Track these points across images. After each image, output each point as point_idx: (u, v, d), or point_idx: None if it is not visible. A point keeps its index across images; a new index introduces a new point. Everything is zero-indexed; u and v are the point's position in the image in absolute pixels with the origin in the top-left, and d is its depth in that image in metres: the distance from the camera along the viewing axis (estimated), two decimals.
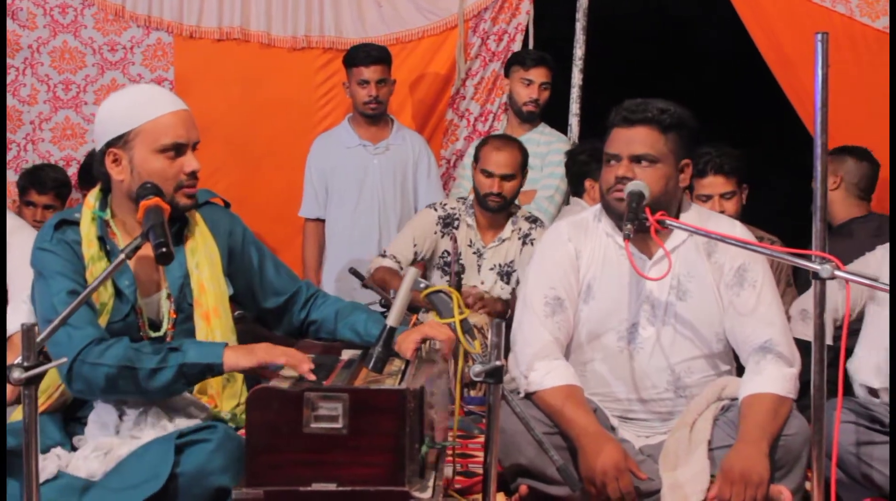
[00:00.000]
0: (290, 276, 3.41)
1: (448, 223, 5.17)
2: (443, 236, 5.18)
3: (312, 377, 2.77)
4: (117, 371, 2.86)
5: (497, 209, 5.09)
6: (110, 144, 3.04)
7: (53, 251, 3.00)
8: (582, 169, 5.39)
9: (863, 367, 3.71)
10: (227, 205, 3.35)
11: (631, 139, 3.37)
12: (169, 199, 3.01)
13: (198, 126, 3.13)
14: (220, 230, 3.24)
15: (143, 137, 3.01)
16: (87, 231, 3.03)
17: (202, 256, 3.13)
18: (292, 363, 2.83)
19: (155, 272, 3.11)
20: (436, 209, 5.23)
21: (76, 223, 3.05)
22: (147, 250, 2.82)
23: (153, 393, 2.92)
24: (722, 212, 4.47)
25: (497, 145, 5.09)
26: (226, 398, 3.12)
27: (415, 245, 5.16)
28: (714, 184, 4.61)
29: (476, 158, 5.14)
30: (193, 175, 3.07)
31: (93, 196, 3.12)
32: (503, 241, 5.16)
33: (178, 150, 3.04)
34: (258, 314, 3.38)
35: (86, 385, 2.89)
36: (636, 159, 3.35)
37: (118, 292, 3.03)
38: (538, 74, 5.69)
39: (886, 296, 3.58)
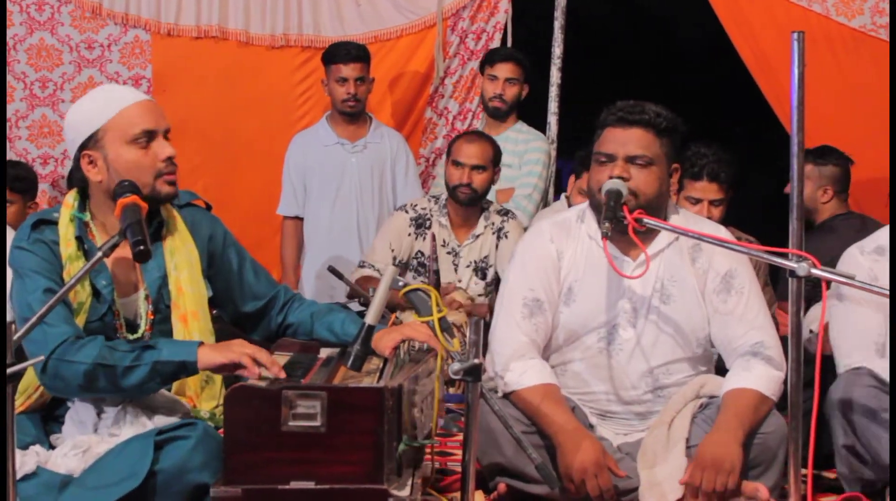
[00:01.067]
0: (269, 280, 3.41)
1: (420, 224, 5.18)
2: (416, 238, 5.18)
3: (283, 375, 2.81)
4: (92, 368, 2.85)
5: (467, 202, 5.10)
6: (82, 147, 3.04)
7: (31, 251, 2.99)
8: (573, 166, 5.44)
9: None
10: (208, 207, 3.34)
11: (627, 140, 3.35)
12: (150, 190, 3.00)
13: (173, 123, 3.12)
14: (201, 233, 3.23)
15: (112, 132, 3.00)
16: (65, 231, 3.02)
17: (181, 257, 3.12)
18: (263, 364, 2.84)
19: (133, 273, 3.10)
20: (406, 211, 5.23)
21: (54, 223, 3.04)
22: (125, 251, 2.82)
23: (128, 391, 2.92)
24: (708, 218, 4.49)
25: (469, 138, 5.18)
26: (204, 399, 3.12)
27: (392, 250, 5.16)
28: (707, 189, 4.57)
29: (448, 153, 5.19)
30: (171, 161, 3.05)
31: (71, 196, 3.11)
32: (477, 237, 5.17)
33: (149, 137, 3.02)
34: (235, 317, 3.38)
35: (61, 382, 2.89)
36: (631, 160, 3.33)
37: (95, 292, 3.02)
38: (503, 70, 5.72)
39: (853, 292, 3.55)
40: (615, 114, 3.39)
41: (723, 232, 3.50)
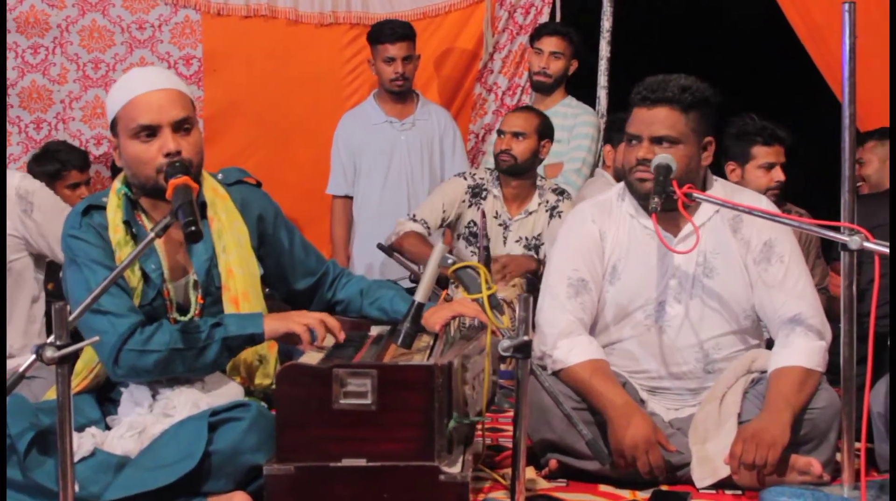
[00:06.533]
0: (318, 256, 3.42)
1: (476, 193, 5.18)
2: (470, 206, 5.18)
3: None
4: (168, 354, 2.90)
5: (508, 171, 5.10)
6: (112, 131, 3.04)
7: (84, 239, 2.99)
8: (606, 134, 5.43)
9: None
10: (258, 184, 3.35)
11: (651, 120, 3.33)
12: (154, 183, 2.95)
13: (223, 102, 3.11)
14: (251, 212, 3.22)
15: (122, 123, 2.98)
16: (114, 216, 3.02)
17: (229, 238, 3.11)
18: (329, 327, 2.94)
19: (182, 256, 3.11)
20: (465, 178, 5.24)
21: (103, 208, 3.04)
22: (175, 234, 2.84)
23: (201, 370, 2.98)
24: (780, 181, 4.71)
25: (515, 109, 5.25)
26: (258, 378, 3.13)
27: (444, 211, 5.17)
28: (779, 153, 4.76)
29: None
30: (174, 156, 2.93)
31: (119, 180, 3.09)
32: (530, 213, 5.16)
33: (150, 131, 2.95)
34: (288, 295, 3.39)
35: (131, 371, 2.93)
36: (657, 141, 3.31)
37: (145, 277, 3.03)
38: (548, 44, 5.71)
39: None
40: (640, 93, 3.37)
41: (764, 202, 3.46)
